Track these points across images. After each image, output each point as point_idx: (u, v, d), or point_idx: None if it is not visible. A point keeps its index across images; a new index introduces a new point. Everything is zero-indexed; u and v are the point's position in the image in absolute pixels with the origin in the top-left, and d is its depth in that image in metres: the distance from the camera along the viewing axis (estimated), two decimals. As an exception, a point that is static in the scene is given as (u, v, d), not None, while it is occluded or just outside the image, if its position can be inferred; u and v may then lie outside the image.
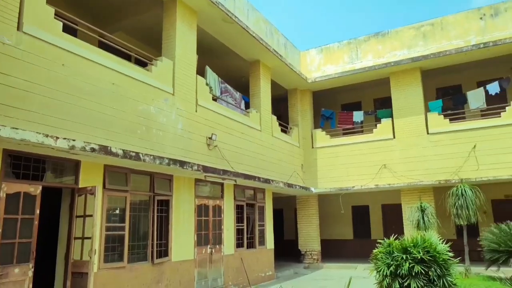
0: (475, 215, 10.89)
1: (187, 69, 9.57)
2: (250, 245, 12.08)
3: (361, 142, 14.75)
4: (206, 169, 9.16)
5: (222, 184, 10.85)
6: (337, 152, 15.14)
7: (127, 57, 8.46)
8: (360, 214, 17.53)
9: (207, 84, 10.56)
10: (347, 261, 15.44)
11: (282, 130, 14.49)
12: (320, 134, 15.74)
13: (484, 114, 13.70)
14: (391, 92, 14.63)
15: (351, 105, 17.25)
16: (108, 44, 8.04)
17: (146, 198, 8.41)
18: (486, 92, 13.40)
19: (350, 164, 14.68)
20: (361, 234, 17.28)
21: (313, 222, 15.84)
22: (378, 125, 14.73)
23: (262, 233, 12.71)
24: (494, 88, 13.29)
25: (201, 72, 10.58)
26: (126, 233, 7.66)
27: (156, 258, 8.28)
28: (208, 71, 11.26)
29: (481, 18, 13.38)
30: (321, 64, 16.10)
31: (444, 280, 7.98)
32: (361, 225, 17.49)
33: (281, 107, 16.64)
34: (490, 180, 12.34)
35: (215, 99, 10.98)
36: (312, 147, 15.76)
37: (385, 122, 14.51)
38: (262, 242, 12.63)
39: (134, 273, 7.73)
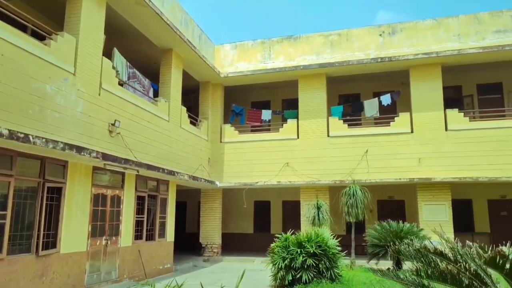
0: (363, 213, 12.01)
1: (92, 49, 8.90)
2: (150, 237, 11.73)
3: (267, 140, 15.26)
4: (106, 157, 8.64)
5: (123, 174, 10.34)
6: (244, 148, 15.45)
7: (23, 28, 7.57)
8: (262, 209, 18.10)
9: (113, 68, 9.95)
10: (247, 255, 15.84)
11: (191, 123, 14.31)
12: (229, 129, 15.90)
13: (377, 122, 15.14)
14: (298, 94, 15.36)
15: (261, 103, 17.70)
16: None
17: (35, 184, 7.64)
18: (380, 102, 14.81)
19: (256, 160, 15.09)
20: (262, 229, 17.86)
21: (216, 216, 15.96)
22: (284, 124, 15.37)
23: (163, 225, 12.42)
24: (386, 99, 14.76)
25: (108, 54, 9.94)
26: (7, 222, 6.87)
27: (42, 249, 7.58)
28: (116, 54, 10.61)
29: (380, 35, 14.73)
30: (235, 60, 16.26)
31: (331, 271, 8.67)
32: (262, 220, 18.08)
33: (191, 98, 16.42)
34: (378, 182, 13.70)
35: (121, 84, 10.41)
36: (221, 142, 15.85)
37: (291, 122, 15.20)
38: (162, 234, 12.35)
39: (14, 266, 6.98)
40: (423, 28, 14.17)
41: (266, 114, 15.89)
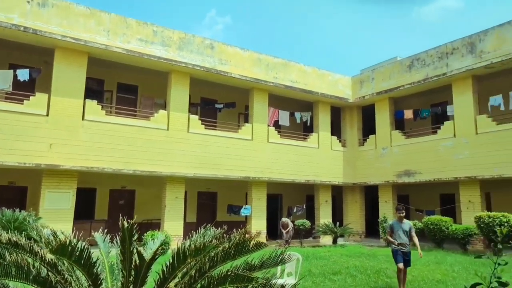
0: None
1: None
2: None
3: None
4: None
5: None
6: None
7: None
8: None
9: None
10: None
11: None
12: None
13: (8, 97, 13.28)
14: None
15: None
16: None
17: None
18: (16, 76, 13.14)
19: None
20: None
21: None
22: None
23: None
24: (24, 74, 13.28)
25: None
26: None
27: None
28: None
29: (28, 2, 13.14)
30: None
31: None
32: None
33: None
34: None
35: None
36: None
37: None
38: None
39: None
40: (77, 12, 13.81)
41: None
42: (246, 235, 3.02)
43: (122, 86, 17.31)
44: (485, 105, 16.00)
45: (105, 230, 4.10)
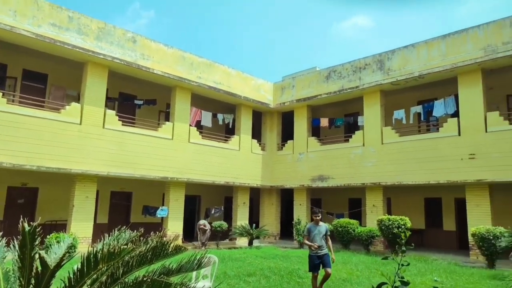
0: None
1: None
2: None
3: None
4: None
5: None
6: None
7: None
8: None
9: None
10: None
11: None
12: None
13: None
14: None
15: None
16: None
17: None
18: None
19: None
20: None
21: None
22: None
23: None
24: None
25: None
26: None
27: None
28: None
29: None
30: None
31: None
32: None
33: None
34: None
35: None
36: None
37: None
38: None
39: None
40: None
41: None
42: (164, 238, 2.90)
43: (29, 73, 15.73)
44: (390, 118, 17.55)
45: (0, 233, 3.65)
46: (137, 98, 18.00)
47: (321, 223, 8.10)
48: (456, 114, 15.42)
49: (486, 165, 13.96)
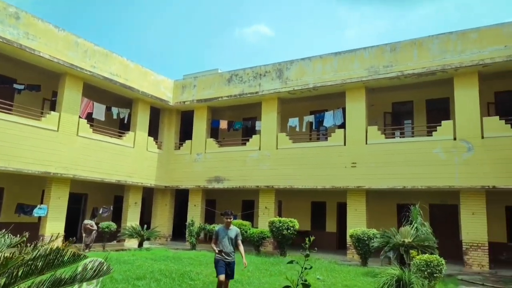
0: None
1: None
2: None
3: None
4: None
5: None
6: None
7: None
8: None
9: None
10: None
11: None
12: None
13: None
14: None
15: None
16: None
17: None
18: None
19: None
20: None
21: None
22: None
23: None
24: None
25: None
26: None
27: None
28: None
29: None
30: None
31: None
32: None
33: None
34: None
35: None
36: None
37: None
38: None
39: None
40: None
41: None
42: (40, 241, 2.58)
43: None
44: (285, 125, 18.51)
45: None
46: (17, 82, 15.94)
47: (232, 226, 7.53)
48: (343, 126, 16.93)
49: (365, 173, 15.59)
